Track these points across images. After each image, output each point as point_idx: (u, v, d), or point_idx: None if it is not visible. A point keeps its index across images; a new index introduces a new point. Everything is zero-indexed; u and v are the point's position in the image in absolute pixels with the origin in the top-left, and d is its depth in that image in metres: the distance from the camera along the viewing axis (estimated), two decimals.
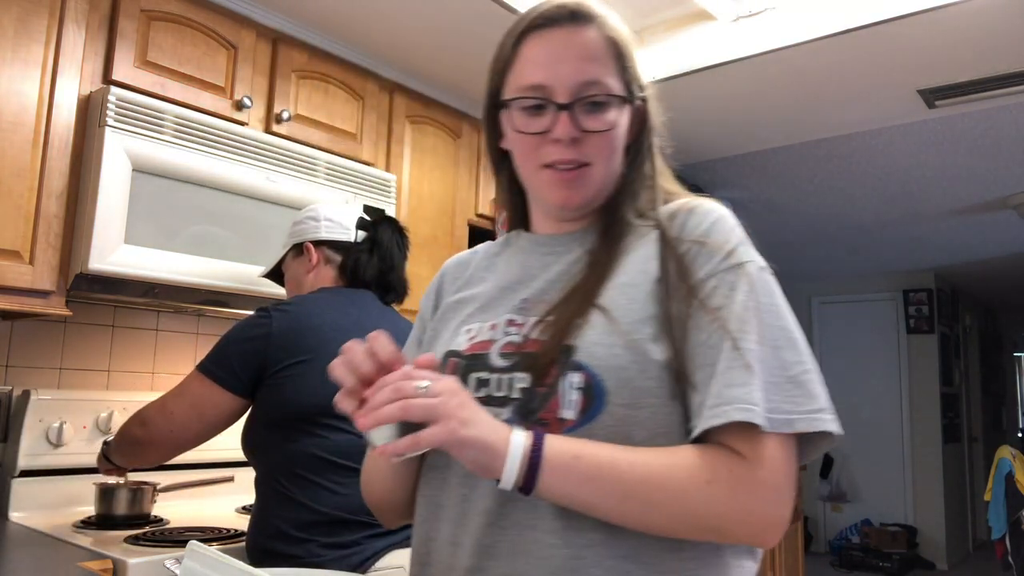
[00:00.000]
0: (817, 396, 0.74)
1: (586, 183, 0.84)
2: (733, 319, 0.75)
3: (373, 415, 0.70)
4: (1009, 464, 3.69)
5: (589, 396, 0.75)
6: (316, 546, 1.40)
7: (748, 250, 0.81)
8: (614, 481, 0.71)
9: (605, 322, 0.78)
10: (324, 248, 1.69)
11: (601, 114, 0.83)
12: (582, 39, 0.83)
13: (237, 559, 0.74)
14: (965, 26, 2.14)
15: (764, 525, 0.72)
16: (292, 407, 1.46)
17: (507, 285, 0.90)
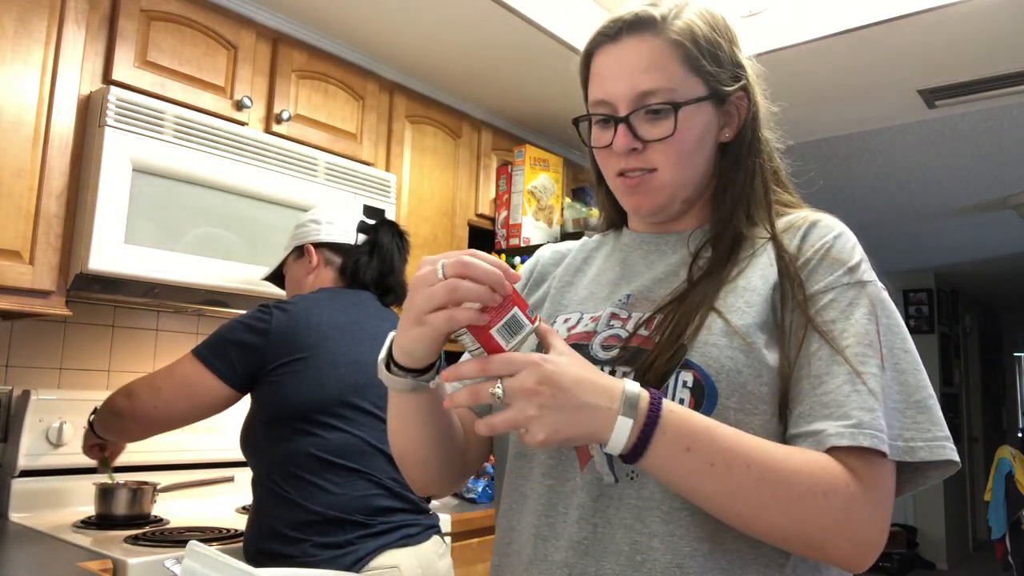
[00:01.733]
0: (940, 423, 0.72)
1: (653, 189, 0.84)
2: (851, 336, 0.73)
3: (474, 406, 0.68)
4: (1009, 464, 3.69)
5: (699, 396, 0.73)
6: (310, 546, 1.40)
7: (870, 270, 0.79)
8: (723, 479, 0.67)
9: (721, 324, 0.76)
10: (324, 250, 1.69)
11: (662, 121, 0.81)
12: (638, 49, 0.82)
13: (237, 559, 0.74)
14: (965, 26, 2.14)
15: (866, 548, 0.69)
16: (289, 405, 1.46)
17: (609, 280, 0.90)
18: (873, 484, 0.69)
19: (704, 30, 0.84)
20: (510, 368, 0.65)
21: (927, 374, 0.76)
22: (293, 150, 2.04)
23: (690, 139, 0.82)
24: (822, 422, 0.70)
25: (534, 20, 2.17)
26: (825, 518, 0.67)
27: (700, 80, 0.83)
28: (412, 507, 1.53)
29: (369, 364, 1.54)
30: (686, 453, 0.66)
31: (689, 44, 0.82)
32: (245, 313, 1.54)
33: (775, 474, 0.67)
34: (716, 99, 0.84)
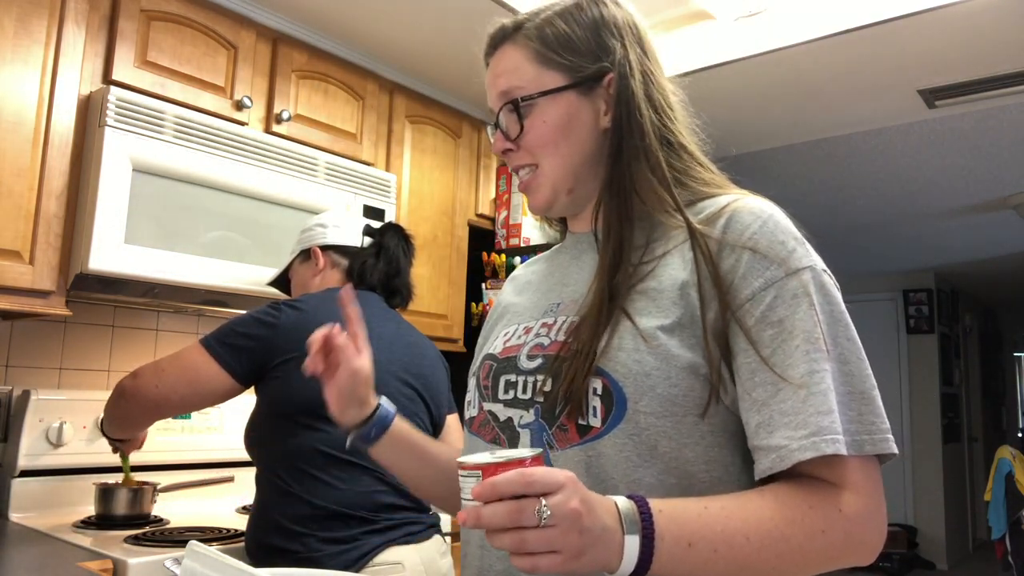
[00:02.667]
0: (882, 414, 0.72)
1: (538, 185, 0.86)
2: (799, 334, 0.71)
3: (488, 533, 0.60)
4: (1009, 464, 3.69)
5: (609, 403, 0.73)
6: (314, 541, 1.40)
7: (806, 252, 0.77)
8: (732, 562, 0.66)
9: (630, 327, 0.75)
10: (331, 252, 1.71)
11: (523, 117, 0.84)
12: (498, 63, 0.88)
13: (237, 559, 0.74)
14: (965, 26, 2.14)
15: (873, 548, 0.71)
16: (296, 399, 1.47)
17: (549, 287, 0.90)
18: (857, 486, 0.69)
19: (557, 24, 0.85)
20: (552, 485, 0.59)
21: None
22: (293, 150, 2.04)
23: (549, 131, 0.84)
24: (782, 433, 0.69)
25: None
26: (831, 550, 0.68)
27: (558, 73, 0.84)
28: (415, 505, 1.53)
29: (376, 362, 1.54)
30: (689, 549, 0.65)
31: (536, 42, 0.85)
32: (255, 308, 1.55)
33: (773, 535, 0.67)
34: (579, 87, 0.84)
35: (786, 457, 0.69)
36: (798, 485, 0.69)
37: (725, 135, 3.12)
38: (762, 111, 2.83)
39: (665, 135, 0.85)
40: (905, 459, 6.33)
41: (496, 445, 0.81)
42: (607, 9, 0.87)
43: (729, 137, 3.15)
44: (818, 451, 0.67)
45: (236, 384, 1.50)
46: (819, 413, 0.68)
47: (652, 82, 0.86)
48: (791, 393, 0.70)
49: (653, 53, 0.89)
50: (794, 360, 0.71)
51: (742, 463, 0.75)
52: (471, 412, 0.87)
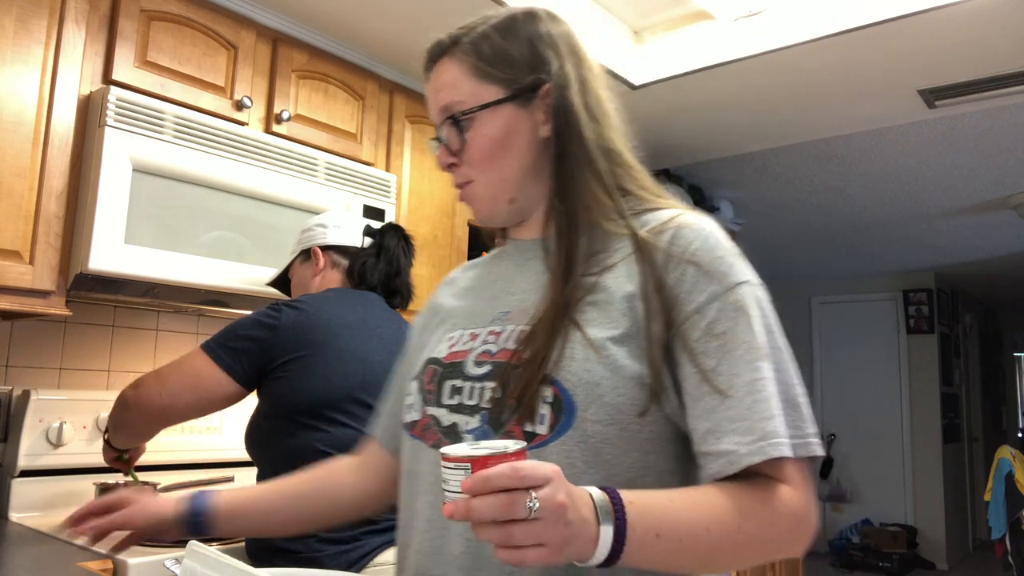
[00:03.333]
0: (810, 418, 0.77)
1: (475, 198, 0.89)
2: (742, 345, 0.75)
3: (475, 526, 0.61)
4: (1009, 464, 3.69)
5: (559, 411, 0.75)
6: (315, 540, 1.40)
7: (744, 267, 0.80)
8: (694, 552, 0.70)
9: (580, 337, 0.77)
10: (331, 252, 1.71)
11: (463, 131, 0.86)
12: (438, 76, 0.89)
13: (237, 559, 0.74)
14: (965, 26, 2.14)
15: (809, 539, 0.75)
16: (297, 400, 1.47)
17: (493, 294, 0.91)
18: (796, 483, 0.74)
19: (493, 38, 0.87)
20: (541, 478, 0.60)
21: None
22: (293, 150, 2.04)
23: (487, 144, 0.86)
24: (731, 439, 0.73)
25: None
26: (777, 541, 0.74)
27: (495, 86, 0.86)
28: None
29: (376, 362, 1.55)
30: (657, 540, 0.67)
31: (473, 56, 0.87)
32: (256, 311, 1.55)
33: (730, 527, 0.70)
34: (517, 99, 0.86)
35: (736, 462, 0.72)
36: (748, 483, 0.73)
37: (725, 135, 3.12)
38: (762, 111, 2.83)
39: (603, 144, 0.87)
40: (905, 459, 6.33)
41: (437, 450, 0.82)
42: (542, 24, 0.89)
43: (729, 138, 3.15)
44: (766, 455, 0.72)
45: (240, 388, 1.50)
46: (765, 419, 0.73)
47: (589, 91, 0.88)
48: (737, 401, 0.74)
49: (590, 64, 0.90)
50: (739, 370, 0.74)
51: (675, 468, 0.79)
52: (412, 416, 0.87)
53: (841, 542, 6.26)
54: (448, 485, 0.62)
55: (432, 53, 0.90)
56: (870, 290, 6.63)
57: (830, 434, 6.66)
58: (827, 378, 6.77)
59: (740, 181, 4.01)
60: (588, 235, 0.85)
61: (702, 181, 3.98)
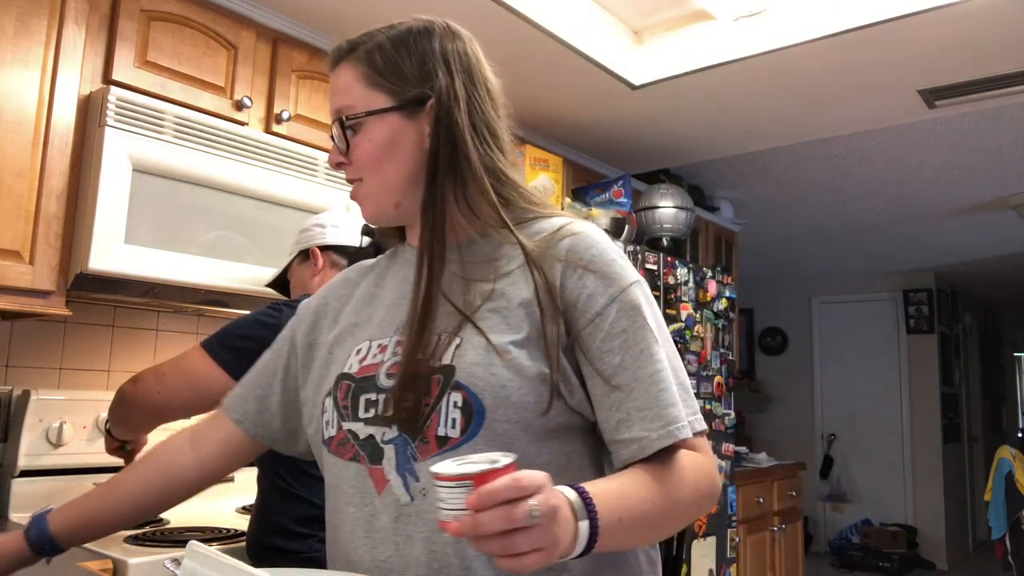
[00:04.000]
0: (693, 398, 0.86)
1: (362, 198, 0.93)
2: (641, 341, 0.83)
3: (476, 539, 0.62)
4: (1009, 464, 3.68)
5: (469, 414, 0.79)
6: (316, 541, 1.40)
7: (630, 268, 0.87)
8: (646, 525, 0.78)
9: (484, 343, 0.81)
10: (330, 253, 1.70)
11: (351, 135, 0.90)
12: (335, 79, 0.94)
13: (237, 559, 0.74)
14: (965, 26, 2.14)
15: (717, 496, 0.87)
16: None
17: (394, 302, 0.93)
18: (701, 448, 0.84)
19: (387, 49, 0.91)
20: (537, 486, 0.63)
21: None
22: (293, 150, 2.04)
23: (372, 148, 0.89)
24: (640, 426, 0.81)
25: (534, 20, 2.17)
26: (704, 500, 0.84)
27: (384, 95, 0.89)
28: None
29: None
30: (619, 523, 0.73)
31: (365, 65, 0.91)
32: (255, 310, 1.55)
33: (670, 497, 0.79)
34: (403, 110, 0.89)
35: (647, 447, 0.80)
36: (668, 456, 0.81)
37: (725, 135, 3.12)
38: (762, 111, 2.83)
39: (486, 160, 0.89)
40: (905, 459, 6.33)
41: (356, 463, 0.85)
42: (437, 40, 0.92)
43: (729, 137, 3.15)
44: (673, 438, 0.80)
45: None
46: (669, 406, 0.81)
47: (476, 111, 0.91)
48: (642, 392, 0.81)
49: (483, 82, 0.93)
50: (640, 363, 0.82)
51: (580, 450, 0.86)
52: (329, 432, 0.90)
53: (841, 542, 6.26)
54: (447, 504, 0.63)
55: (333, 56, 0.95)
56: (870, 290, 6.63)
57: (830, 434, 6.66)
58: (827, 378, 6.77)
59: (740, 181, 4.02)
60: (484, 244, 0.89)
61: (702, 181, 3.99)
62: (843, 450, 6.56)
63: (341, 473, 0.87)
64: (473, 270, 0.87)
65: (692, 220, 3.41)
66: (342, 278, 1.05)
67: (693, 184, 3.92)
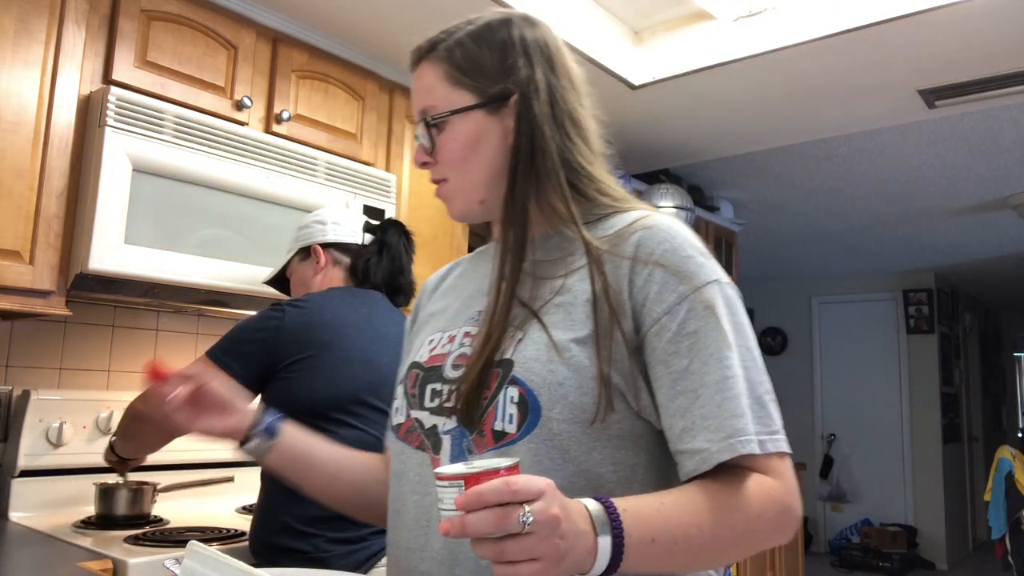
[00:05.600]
0: (777, 417, 0.79)
1: (448, 196, 0.93)
2: (712, 344, 0.77)
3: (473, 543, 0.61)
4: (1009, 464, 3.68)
5: (524, 411, 0.77)
6: (323, 541, 1.40)
7: (712, 266, 0.82)
8: (688, 551, 0.71)
9: (545, 338, 0.79)
10: (332, 250, 1.69)
11: (436, 134, 0.91)
12: (417, 79, 0.94)
13: (237, 559, 0.74)
14: (965, 26, 2.14)
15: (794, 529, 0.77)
16: (302, 401, 1.46)
17: (470, 294, 0.93)
18: (777, 473, 0.76)
19: (467, 45, 0.90)
20: (534, 492, 0.60)
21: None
22: (293, 150, 2.04)
23: (457, 147, 0.89)
24: (703, 437, 0.75)
25: None
26: (767, 531, 0.75)
27: (467, 92, 0.89)
28: None
29: (382, 363, 1.55)
30: (652, 544, 0.68)
31: (447, 63, 0.91)
32: (258, 312, 1.54)
33: (721, 523, 0.72)
34: (486, 107, 0.89)
35: (708, 459, 0.74)
36: (731, 477, 0.74)
37: (725, 135, 3.12)
38: (762, 111, 2.83)
39: (566, 155, 0.88)
40: (905, 459, 6.33)
41: (422, 451, 0.85)
42: (516, 30, 0.90)
43: (729, 137, 3.15)
44: (735, 452, 0.73)
45: (248, 393, 1.49)
46: (733, 416, 0.75)
47: (558, 101, 0.89)
48: (708, 399, 0.75)
49: (565, 72, 0.91)
50: (709, 368, 0.76)
51: (647, 463, 0.80)
52: (399, 419, 0.90)
53: (841, 542, 6.26)
54: (443, 504, 0.62)
55: (413, 56, 0.95)
56: (870, 290, 6.63)
57: (830, 434, 6.66)
58: (827, 378, 6.77)
59: (740, 181, 4.01)
60: (554, 241, 0.87)
61: (702, 181, 3.98)
62: (843, 450, 6.56)
63: (408, 460, 0.87)
64: (545, 266, 0.86)
65: (692, 220, 3.41)
66: (435, 276, 1.07)
67: (693, 184, 3.92)
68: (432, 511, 0.80)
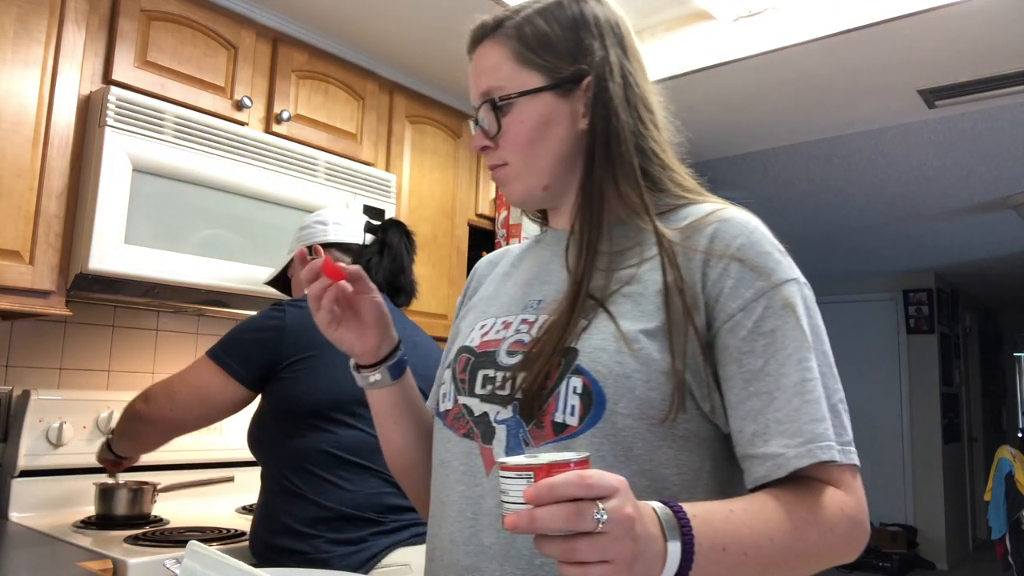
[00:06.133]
0: (849, 428, 0.75)
1: (508, 181, 0.87)
2: (790, 344, 0.73)
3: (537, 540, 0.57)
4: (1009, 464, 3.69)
5: (588, 402, 0.73)
6: (323, 542, 1.40)
7: (790, 265, 0.79)
8: (759, 563, 0.68)
9: (612, 328, 0.75)
10: (333, 251, 1.69)
11: (501, 116, 0.85)
12: (480, 59, 0.89)
13: (237, 559, 0.74)
14: (965, 26, 2.14)
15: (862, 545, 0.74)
16: (303, 401, 1.46)
17: (527, 281, 0.90)
18: (848, 487, 0.73)
19: (538, 24, 0.85)
20: (608, 488, 0.57)
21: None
22: (293, 150, 2.04)
23: (524, 130, 0.84)
24: (778, 441, 0.71)
25: None
26: (837, 546, 0.71)
27: (536, 73, 0.84)
28: None
29: None
30: (723, 554, 0.65)
31: (516, 41, 0.85)
32: (258, 312, 1.54)
33: (793, 535, 0.68)
34: (557, 89, 0.84)
35: (783, 465, 0.71)
36: (803, 487, 0.71)
37: (725, 135, 3.12)
38: (762, 111, 2.83)
39: (640, 142, 0.85)
40: (905, 459, 6.33)
41: (469, 440, 0.81)
42: (588, 7, 0.86)
43: (729, 137, 3.14)
44: (814, 458, 0.70)
45: (248, 393, 1.49)
46: (813, 420, 0.71)
47: (632, 85, 0.85)
48: (785, 402, 0.72)
49: (635, 53, 0.88)
50: (787, 370, 0.73)
51: (711, 467, 0.77)
52: (446, 405, 0.86)
53: None
54: (508, 496, 0.58)
55: (475, 35, 0.89)
56: (870, 290, 6.63)
57: None
58: None
59: (740, 181, 4.01)
60: (624, 230, 0.84)
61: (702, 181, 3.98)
62: None
63: (453, 448, 0.83)
64: (614, 255, 0.82)
65: None
66: (487, 260, 1.04)
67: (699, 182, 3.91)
68: (481, 503, 0.77)
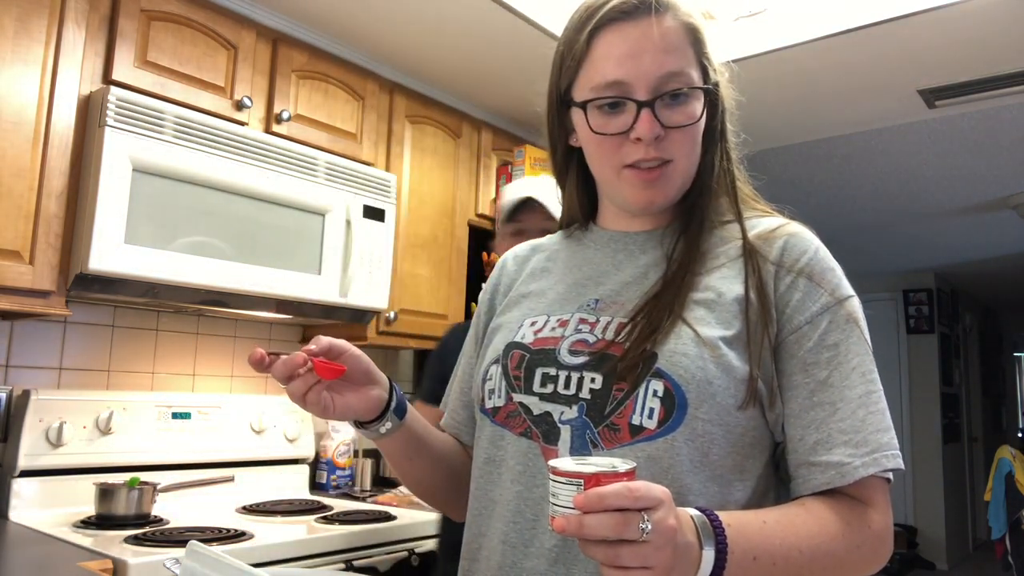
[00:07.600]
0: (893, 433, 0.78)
1: (669, 181, 0.81)
2: (855, 358, 0.76)
3: (583, 543, 0.59)
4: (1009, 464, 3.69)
5: (670, 405, 0.73)
6: None
7: (846, 281, 0.81)
8: (784, 573, 0.69)
9: (691, 334, 0.75)
10: None
11: (683, 107, 0.79)
12: (661, 30, 0.79)
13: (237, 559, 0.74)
14: (965, 26, 2.13)
15: (885, 560, 0.76)
16: None
17: (577, 281, 0.88)
18: (879, 506, 0.75)
19: (701, 21, 0.85)
20: (654, 500, 0.59)
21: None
22: (293, 150, 2.04)
23: (695, 128, 0.81)
24: (842, 450, 0.73)
25: (534, 20, 2.17)
26: (862, 563, 0.74)
27: (698, 70, 0.82)
28: None
29: None
30: (754, 563, 0.67)
31: (698, 30, 0.83)
32: None
33: (821, 549, 0.70)
34: (708, 90, 0.83)
35: (848, 473, 0.73)
36: (834, 502, 0.73)
37: None
38: (762, 111, 2.83)
39: (733, 154, 0.88)
40: (905, 459, 6.29)
41: (527, 439, 0.79)
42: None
43: None
44: (879, 467, 0.73)
45: None
46: (879, 431, 0.74)
47: (723, 97, 0.87)
48: (849, 413, 0.74)
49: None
50: (851, 382, 0.75)
51: (762, 473, 0.78)
52: (495, 402, 0.84)
53: None
54: (558, 500, 0.60)
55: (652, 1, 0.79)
56: (870, 290, 6.62)
57: None
58: None
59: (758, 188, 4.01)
60: (703, 234, 0.85)
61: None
62: None
63: (508, 447, 0.81)
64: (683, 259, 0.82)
65: None
66: (511, 255, 1.01)
67: None
68: (542, 505, 0.76)
